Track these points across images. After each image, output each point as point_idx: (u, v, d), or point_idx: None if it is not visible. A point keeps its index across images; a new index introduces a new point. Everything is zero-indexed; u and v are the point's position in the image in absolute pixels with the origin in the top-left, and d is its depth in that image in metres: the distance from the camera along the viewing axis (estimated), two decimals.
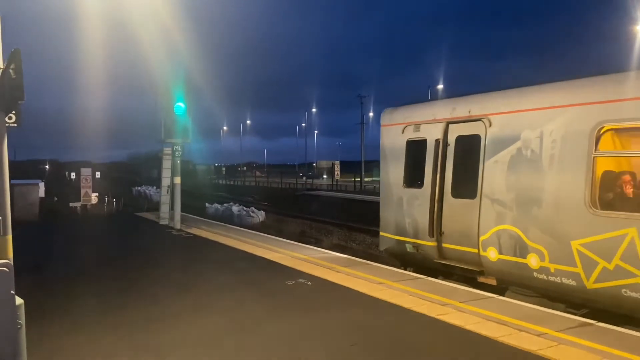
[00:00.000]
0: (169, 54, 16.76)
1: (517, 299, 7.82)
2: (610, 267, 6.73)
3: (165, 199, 18.41)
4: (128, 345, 5.69)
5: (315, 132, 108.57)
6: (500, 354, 5.50)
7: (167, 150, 17.38)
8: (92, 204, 24.36)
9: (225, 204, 30.12)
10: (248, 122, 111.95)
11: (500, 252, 8.26)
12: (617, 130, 7.27)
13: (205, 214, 25.85)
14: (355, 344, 5.84)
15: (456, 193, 9.27)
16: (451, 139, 9.46)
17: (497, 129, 8.54)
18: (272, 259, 10.92)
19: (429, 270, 9.70)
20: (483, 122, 8.79)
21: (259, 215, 27.08)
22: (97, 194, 27.24)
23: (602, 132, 7.05)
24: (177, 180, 16.92)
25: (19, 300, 3.88)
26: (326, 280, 8.87)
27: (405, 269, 10.23)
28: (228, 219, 24.92)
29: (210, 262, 10.83)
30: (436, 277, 9.34)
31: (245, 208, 28.36)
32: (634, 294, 6.44)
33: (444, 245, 9.35)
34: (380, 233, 11.10)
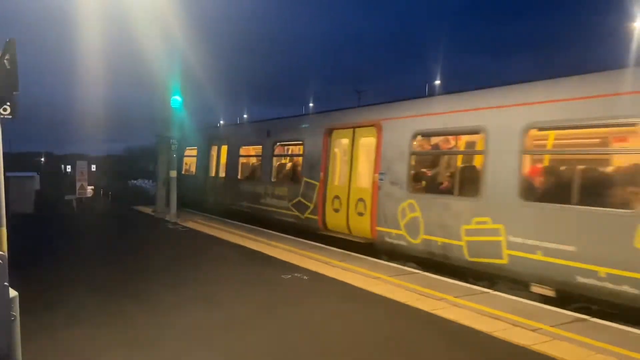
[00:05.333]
0: (166, 47, 16.64)
1: (512, 294, 7.88)
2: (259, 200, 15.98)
3: (161, 192, 18.35)
4: (123, 337, 5.68)
5: None
6: (495, 349, 5.54)
7: (164, 144, 17.33)
8: (88, 197, 24.28)
9: None
10: (245, 116, 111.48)
11: (218, 200, 18.39)
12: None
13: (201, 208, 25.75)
14: (350, 337, 5.86)
15: (195, 173, 21.05)
16: (213, 149, 19.27)
17: (226, 145, 18.54)
18: (268, 252, 10.93)
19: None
20: (218, 142, 19.08)
21: None
22: (92, 187, 27.17)
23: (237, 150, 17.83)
24: (173, 173, 16.88)
25: (13, 293, 3.86)
26: (322, 275, 8.89)
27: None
28: None
29: (206, 256, 10.82)
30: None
31: None
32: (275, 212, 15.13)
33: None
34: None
